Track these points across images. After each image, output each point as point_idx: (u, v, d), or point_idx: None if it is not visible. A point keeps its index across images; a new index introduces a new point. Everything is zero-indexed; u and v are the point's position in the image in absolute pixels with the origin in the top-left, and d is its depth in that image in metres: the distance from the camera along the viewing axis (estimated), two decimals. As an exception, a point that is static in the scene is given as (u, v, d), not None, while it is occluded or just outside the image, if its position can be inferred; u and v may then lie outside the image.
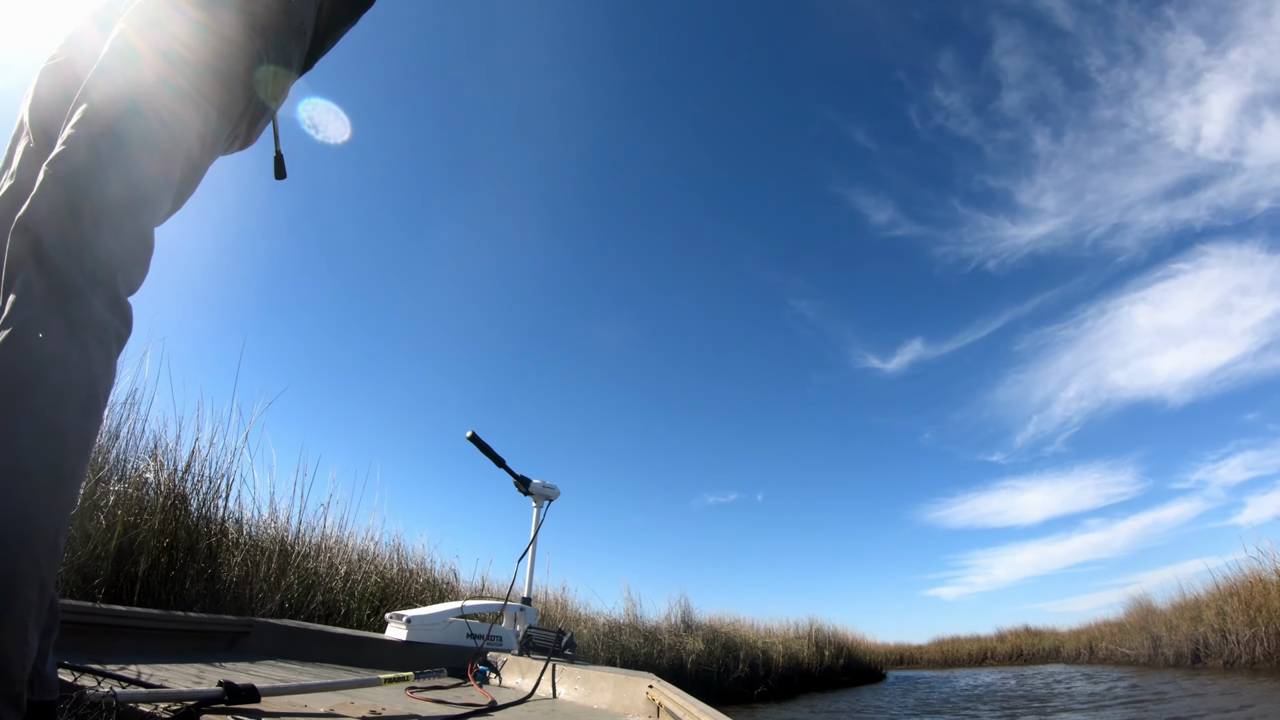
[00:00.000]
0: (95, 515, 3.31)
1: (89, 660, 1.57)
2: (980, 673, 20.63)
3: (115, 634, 2.19)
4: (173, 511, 3.77)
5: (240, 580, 4.22)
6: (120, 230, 1.02)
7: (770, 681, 11.75)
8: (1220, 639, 12.77)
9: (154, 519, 3.60)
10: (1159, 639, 14.81)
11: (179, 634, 2.49)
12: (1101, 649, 18.45)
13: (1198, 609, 13.75)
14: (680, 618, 11.56)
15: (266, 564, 4.47)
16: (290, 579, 4.62)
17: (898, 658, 27.75)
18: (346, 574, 5.17)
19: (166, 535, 3.66)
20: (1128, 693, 9.40)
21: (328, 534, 5.36)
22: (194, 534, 3.96)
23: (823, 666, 14.52)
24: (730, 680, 11.08)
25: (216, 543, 4.15)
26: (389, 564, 6.19)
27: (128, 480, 3.62)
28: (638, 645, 9.50)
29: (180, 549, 3.80)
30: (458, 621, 3.22)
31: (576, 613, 9.42)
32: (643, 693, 2.29)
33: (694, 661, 10.50)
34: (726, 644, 11.53)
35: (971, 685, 14.20)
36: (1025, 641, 24.84)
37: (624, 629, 9.78)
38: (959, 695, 11.89)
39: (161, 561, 3.62)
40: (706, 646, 11.00)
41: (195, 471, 4.04)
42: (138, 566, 3.50)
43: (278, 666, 2.35)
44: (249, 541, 4.52)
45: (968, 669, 23.69)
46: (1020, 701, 9.71)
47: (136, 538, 3.48)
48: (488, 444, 3.59)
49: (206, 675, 1.88)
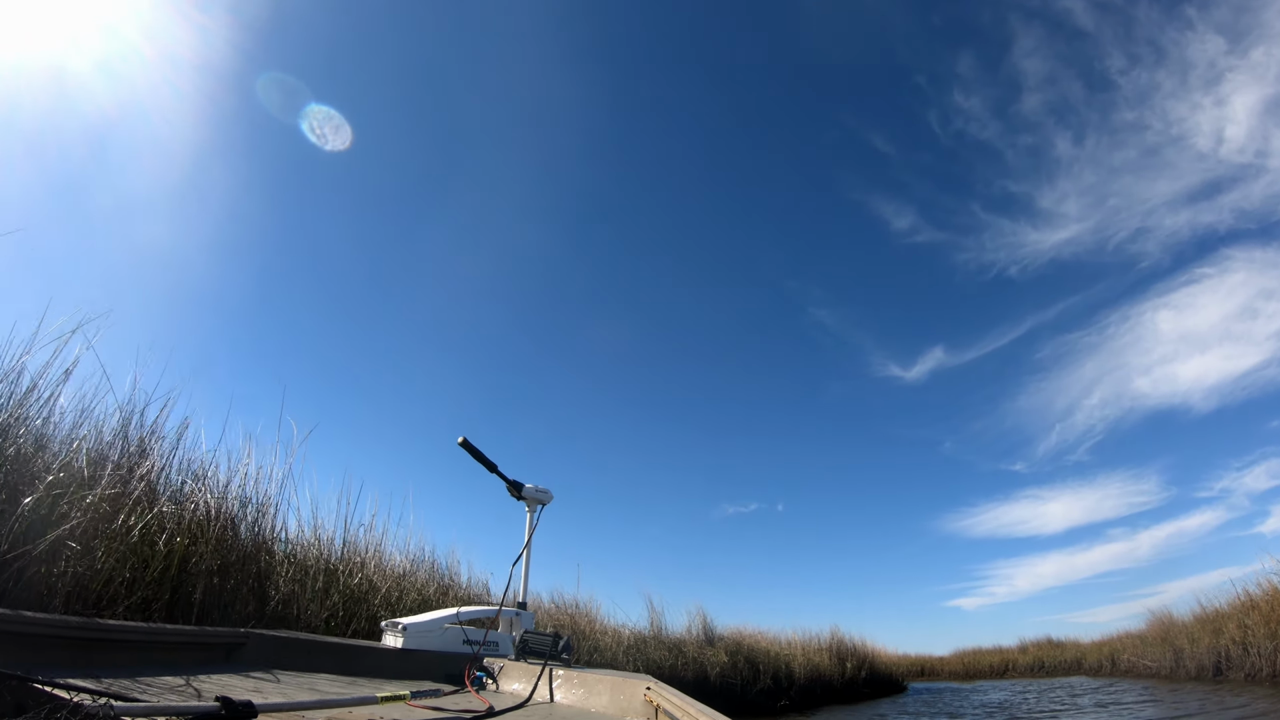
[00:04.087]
0: (154, 542, 3.48)
1: (86, 675, 1.55)
2: (1002, 684, 19.92)
3: (111, 648, 2.11)
4: (223, 535, 3.93)
5: (287, 599, 4.37)
6: None
7: (792, 694, 11.47)
8: (1242, 652, 12.18)
9: (206, 544, 3.75)
10: (1181, 652, 14.08)
11: (175, 646, 2.40)
12: (1123, 661, 17.55)
13: (1219, 622, 13.13)
14: (701, 630, 11.47)
15: (312, 583, 4.61)
16: (334, 598, 4.75)
17: (918, 669, 26.70)
18: (386, 591, 5.29)
19: (218, 558, 3.81)
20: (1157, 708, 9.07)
21: (367, 552, 5.51)
22: (245, 556, 4.13)
23: (844, 678, 14.04)
24: (754, 693, 10.88)
25: (265, 564, 4.31)
26: (427, 581, 6.30)
27: (182, 506, 3.77)
28: (663, 658, 9.39)
29: (232, 571, 3.96)
30: (453, 628, 3.11)
31: (603, 625, 9.40)
32: (640, 695, 2.21)
33: (718, 674, 10.34)
34: (749, 656, 11.34)
35: (996, 699, 13.77)
36: (1047, 653, 23.81)
37: (649, 642, 9.73)
38: (988, 708, 11.55)
39: (214, 583, 3.77)
40: (730, 659, 10.85)
41: (243, 496, 4.22)
42: (195, 589, 3.66)
43: (274, 677, 2.28)
44: (295, 561, 4.67)
45: (989, 680, 22.88)
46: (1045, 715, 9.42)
47: (190, 561, 3.64)
48: (479, 449, 3.48)
49: (204, 688, 1.85)
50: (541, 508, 3.64)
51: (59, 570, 2.97)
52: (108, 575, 3.18)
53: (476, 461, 3.50)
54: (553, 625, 8.12)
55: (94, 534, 3.20)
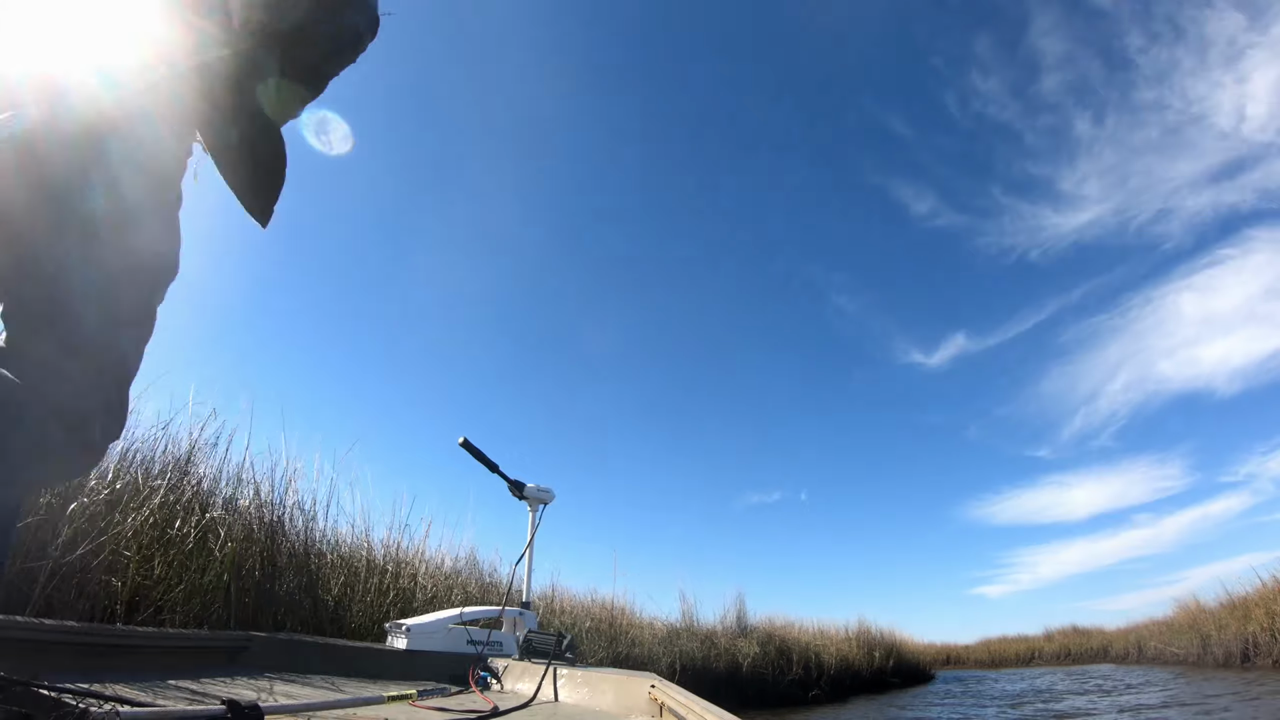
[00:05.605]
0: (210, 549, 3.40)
1: (91, 680, 1.53)
2: (1031, 672, 19.66)
3: (116, 653, 2.10)
4: (274, 539, 3.86)
5: (339, 601, 4.29)
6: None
7: (823, 684, 11.33)
8: (1270, 639, 11.92)
9: (256, 548, 3.68)
10: (1208, 638, 13.79)
11: (180, 650, 2.40)
12: (1150, 648, 17.22)
13: (1246, 608, 12.90)
14: (735, 620, 11.35)
15: (363, 586, 4.54)
16: (385, 598, 4.67)
17: (944, 658, 26.29)
18: (432, 589, 5.22)
19: (270, 563, 3.74)
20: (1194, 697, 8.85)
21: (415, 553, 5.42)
22: (298, 562, 4.05)
23: (872, 668, 13.85)
24: (785, 683, 10.77)
25: (316, 568, 4.24)
26: (468, 579, 6.23)
27: (233, 513, 3.70)
28: (695, 649, 9.31)
29: (284, 576, 3.88)
30: (458, 628, 3.08)
31: (636, 619, 9.30)
32: (645, 693, 2.15)
33: (750, 665, 10.21)
34: (780, 647, 11.21)
35: (1027, 688, 13.57)
36: (1073, 641, 23.30)
37: (682, 634, 9.63)
38: (1027, 696, 11.38)
39: (267, 588, 3.70)
40: (761, 649, 10.73)
41: (294, 501, 4.15)
42: (249, 593, 3.58)
43: (279, 679, 2.28)
44: (346, 565, 4.60)
45: (1016, 669, 22.55)
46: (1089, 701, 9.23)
47: (244, 566, 3.56)
48: (479, 449, 3.44)
49: (210, 691, 1.83)
50: (544, 507, 3.56)
51: (118, 581, 2.89)
52: (167, 584, 3.09)
53: (478, 462, 3.44)
54: (591, 620, 8.04)
55: (151, 542, 3.12)
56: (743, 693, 9.66)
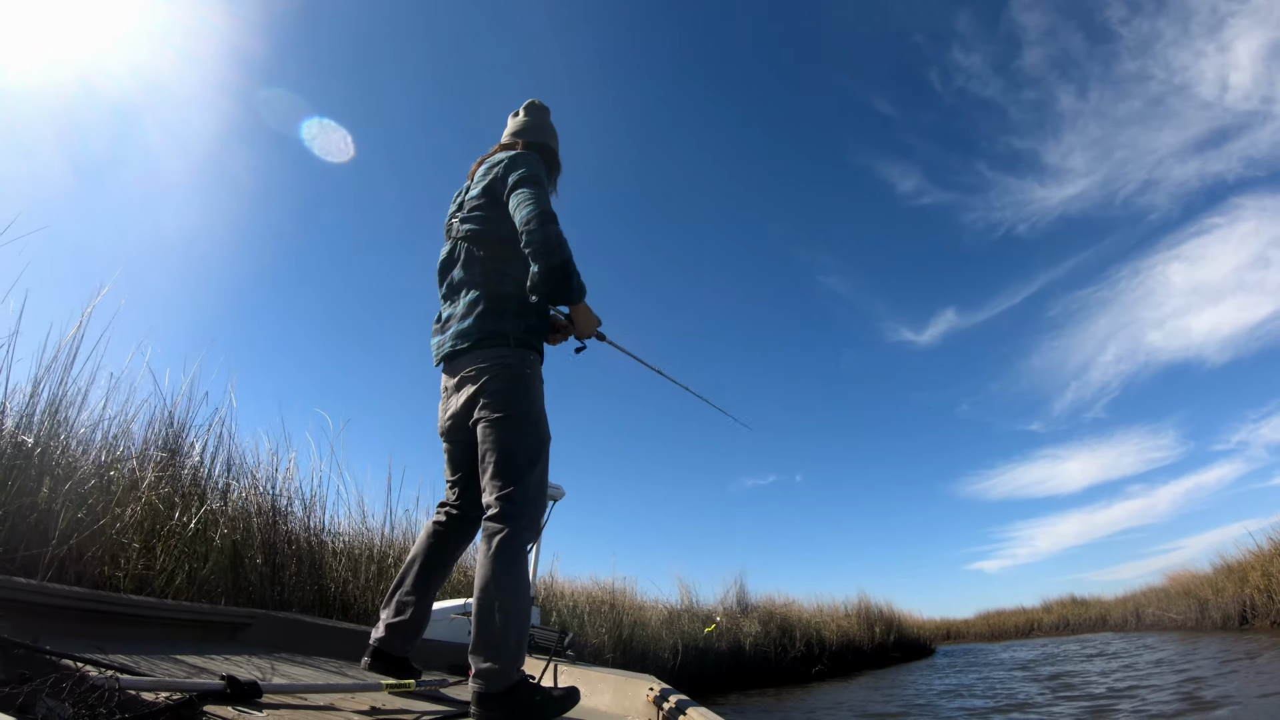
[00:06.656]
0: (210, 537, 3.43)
1: (92, 647, 1.52)
2: (1031, 643, 19.74)
3: (119, 621, 2.10)
4: (273, 527, 3.89)
5: (341, 587, 4.33)
6: None
7: (825, 660, 11.39)
8: (1267, 600, 11.98)
9: (256, 535, 3.71)
10: (1205, 603, 13.81)
11: (183, 623, 2.39)
12: (1148, 615, 17.27)
13: (1243, 572, 12.95)
14: (735, 600, 11.40)
15: (365, 571, 4.57)
16: (384, 585, 4.71)
17: (944, 633, 26.45)
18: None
19: (269, 548, 3.77)
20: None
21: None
22: (299, 548, 4.08)
23: (874, 644, 13.91)
24: (788, 660, 10.84)
25: (318, 554, 4.27)
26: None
27: (229, 501, 3.73)
28: (697, 630, 9.38)
29: (286, 563, 3.91)
30: (459, 619, 3.07)
31: (640, 602, 9.36)
32: (643, 695, 2.18)
33: (752, 643, 10.25)
34: (782, 625, 11.26)
35: (1027, 656, 13.66)
36: (1071, 611, 23.27)
37: (682, 615, 9.68)
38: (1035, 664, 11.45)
39: (268, 573, 3.73)
40: (763, 627, 10.80)
41: (288, 488, 4.18)
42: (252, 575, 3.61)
43: (279, 659, 2.26)
44: (346, 551, 4.63)
45: (1016, 640, 22.63)
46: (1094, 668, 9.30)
47: (246, 555, 3.59)
48: None
49: (209, 666, 1.83)
50: (553, 504, 3.55)
51: (121, 570, 2.91)
52: (169, 574, 3.12)
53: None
54: (589, 604, 8.09)
55: (151, 532, 3.14)
56: (745, 671, 9.71)
